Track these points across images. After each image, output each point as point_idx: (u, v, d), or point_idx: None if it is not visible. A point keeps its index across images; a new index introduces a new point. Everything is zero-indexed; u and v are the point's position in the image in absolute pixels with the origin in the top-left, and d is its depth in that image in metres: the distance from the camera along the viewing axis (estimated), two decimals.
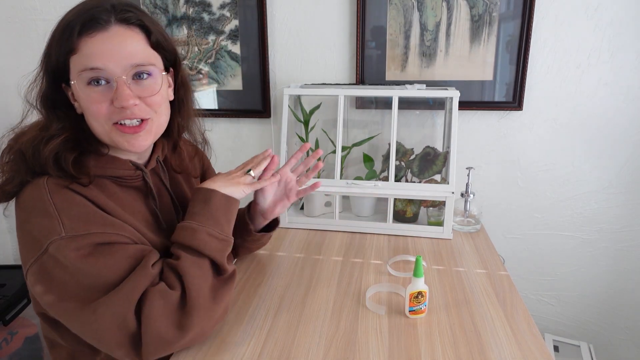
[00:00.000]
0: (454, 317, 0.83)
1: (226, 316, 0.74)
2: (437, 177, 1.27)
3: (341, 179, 1.21)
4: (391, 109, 1.19)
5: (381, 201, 1.32)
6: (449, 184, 1.16)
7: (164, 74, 0.74)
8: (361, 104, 1.45)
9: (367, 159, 1.37)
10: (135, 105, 0.69)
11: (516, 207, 1.47)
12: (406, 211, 1.26)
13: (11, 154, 0.71)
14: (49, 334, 0.81)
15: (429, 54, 1.36)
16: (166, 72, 0.76)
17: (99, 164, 0.73)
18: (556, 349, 1.44)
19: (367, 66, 1.40)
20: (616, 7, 1.25)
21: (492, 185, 1.46)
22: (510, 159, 1.43)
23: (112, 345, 0.64)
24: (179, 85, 0.81)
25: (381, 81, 1.41)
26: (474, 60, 1.34)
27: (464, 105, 1.36)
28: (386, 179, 1.21)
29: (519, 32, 1.29)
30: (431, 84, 1.36)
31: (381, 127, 1.46)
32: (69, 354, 0.80)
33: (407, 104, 1.42)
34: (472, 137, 1.43)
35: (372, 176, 1.33)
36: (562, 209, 1.44)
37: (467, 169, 1.24)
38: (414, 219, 1.27)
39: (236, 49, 1.46)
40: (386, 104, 1.44)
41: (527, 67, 1.31)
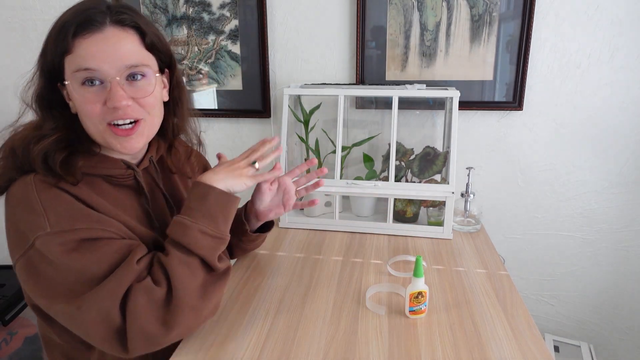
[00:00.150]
0: (454, 317, 0.83)
1: (217, 312, 0.73)
2: (437, 177, 1.27)
3: (341, 179, 1.21)
4: (391, 109, 1.19)
5: (381, 201, 1.32)
6: (449, 184, 1.16)
7: (157, 75, 0.75)
8: (361, 104, 1.45)
9: (367, 159, 1.37)
10: (128, 106, 0.69)
11: (516, 207, 1.47)
12: (406, 211, 1.26)
13: (3, 152, 0.72)
14: (43, 330, 0.82)
15: (429, 54, 1.36)
16: (161, 73, 0.77)
17: (91, 162, 0.74)
18: (556, 349, 1.44)
19: (367, 66, 1.40)
20: (616, 7, 1.25)
21: (492, 185, 1.46)
22: (510, 159, 1.43)
23: (98, 339, 0.65)
24: (174, 86, 0.81)
25: (381, 81, 1.41)
26: (474, 60, 1.34)
27: (464, 105, 1.36)
28: (386, 179, 1.21)
29: (519, 32, 1.29)
30: (431, 84, 1.36)
31: (381, 127, 1.46)
32: (64, 353, 0.80)
33: (407, 104, 1.42)
34: (472, 137, 1.43)
35: (372, 176, 1.33)
36: (562, 209, 1.44)
37: (467, 169, 1.24)
38: (414, 219, 1.27)
39: (236, 49, 1.46)
40: (386, 104, 1.44)
41: (527, 67, 1.31)
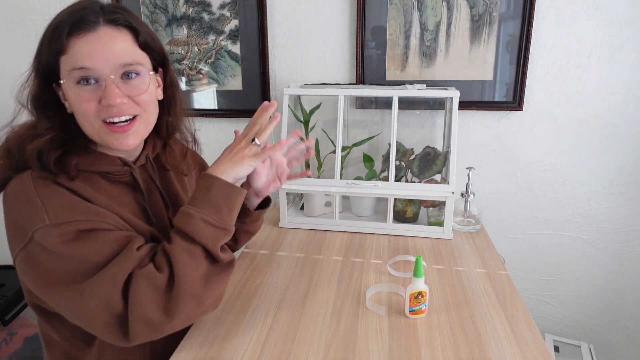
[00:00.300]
0: (454, 317, 0.83)
1: (218, 305, 0.73)
2: (437, 177, 1.27)
3: (341, 179, 1.21)
4: (391, 109, 1.19)
5: (381, 201, 1.32)
6: (449, 184, 1.16)
7: (151, 73, 0.76)
8: (361, 104, 1.45)
9: (367, 159, 1.37)
10: (123, 103, 0.70)
11: (516, 207, 1.47)
12: (406, 211, 1.26)
13: (0, 152, 0.73)
14: (43, 329, 0.82)
15: (429, 54, 1.36)
16: (155, 72, 0.78)
17: (88, 160, 0.74)
18: (556, 349, 1.44)
19: (367, 66, 1.40)
20: (616, 7, 1.25)
21: (492, 185, 1.46)
22: (510, 159, 1.43)
23: (99, 326, 0.65)
24: (168, 85, 0.82)
25: (381, 81, 1.41)
26: (474, 60, 1.34)
27: (464, 105, 1.36)
28: (386, 179, 1.21)
29: (519, 32, 1.29)
30: (431, 84, 1.36)
31: (381, 127, 1.46)
32: (63, 352, 0.81)
33: (407, 104, 1.42)
34: (472, 137, 1.43)
35: (372, 176, 1.33)
36: (562, 209, 1.44)
37: (467, 169, 1.24)
38: (414, 219, 1.27)
39: (236, 49, 1.46)
40: (386, 104, 1.44)
41: (527, 67, 1.31)
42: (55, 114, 0.73)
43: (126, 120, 0.72)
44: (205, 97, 1.53)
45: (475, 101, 1.38)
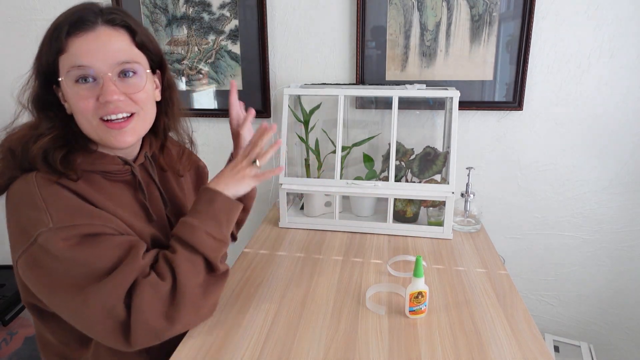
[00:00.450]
0: (454, 317, 0.83)
1: (213, 313, 0.78)
2: (437, 177, 1.27)
3: (341, 179, 1.21)
4: (391, 109, 1.19)
5: (381, 201, 1.32)
6: (449, 184, 1.16)
7: (148, 71, 0.77)
8: (361, 104, 1.45)
9: (367, 159, 1.37)
10: (120, 100, 0.72)
11: (516, 207, 1.47)
12: (406, 211, 1.26)
13: (1, 152, 0.73)
14: (39, 330, 0.82)
15: (429, 54, 1.36)
16: (152, 73, 0.79)
17: (88, 160, 0.75)
18: (556, 349, 1.44)
19: (367, 66, 1.40)
20: (616, 7, 1.25)
21: (492, 185, 1.46)
22: (510, 159, 1.43)
23: (101, 333, 0.66)
24: (165, 87, 0.84)
25: (381, 81, 1.41)
26: (474, 60, 1.34)
27: (464, 105, 1.36)
28: (386, 179, 1.21)
29: (519, 32, 1.29)
30: (431, 84, 1.36)
31: (381, 127, 1.46)
32: (59, 353, 0.81)
33: (407, 104, 1.42)
34: (472, 137, 1.43)
35: (372, 176, 1.33)
36: (562, 209, 1.44)
37: (467, 169, 1.24)
38: (414, 219, 1.27)
39: (236, 49, 1.46)
40: (386, 104, 1.44)
41: (527, 67, 1.31)
42: (56, 114, 0.74)
43: (123, 117, 0.73)
44: (205, 97, 1.53)
45: (475, 101, 1.38)
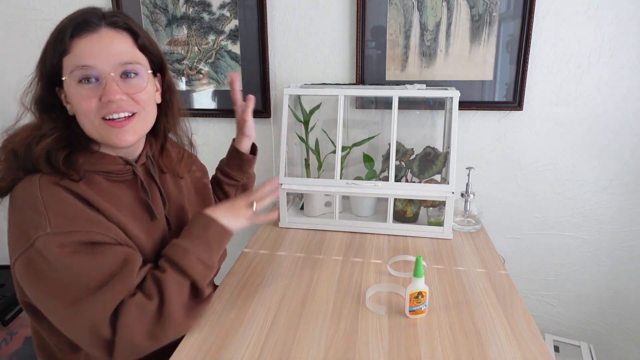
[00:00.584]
0: (454, 317, 0.83)
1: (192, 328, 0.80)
2: (437, 177, 1.27)
3: (341, 179, 1.21)
4: (391, 109, 1.19)
5: (381, 201, 1.32)
6: (449, 184, 1.16)
7: (149, 72, 0.79)
8: (361, 104, 1.45)
9: (367, 159, 1.37)
10: (122, 99, 0.73)
11: (516, 207, 1.47)
12: (406, 211, 1.26)
13: (4, 153, 0.74)
14: (35, 329, 0.83)
15: (429, 54, 1.36)
16: (153, 75, 0.81)
17: (90, 160, 0.76)
18: (556, 349, 1.44)
19: (367, 66, 1.40)
20: (616, 7, 1.25)
21: (492, 185, 1.46)
22: (510, 159, 1.43)
23: (86, 345, 0.68)
24: (165, 89, 0.86)
25: (381, 81, 1.41)
26: (474, 60, 1.34)
27: (464, 105, 1.36)
28: (386, 179, 1.21)
29: (519, 32, 1.29)
30: (431, 84, 1.36)
31: (381, 127, 1.46)
32: (52, 353, 0.82)
33: (407, 104, 1.41)
34: (472, 137, 1.43)
35: (372, 176, 1.33)
36: (562, 209, 1.44)
37: (467, 169, 1.24)
38: (414, 219, 1.27)
39: (236, 49, 1.46)
40: (386, 104, 1.44)
41: (527, 67, 1.31)
42: (58, 116, 0.75)
43: (125, 116, 0.74)
44: (205, 97, 1.53)
45: (475, 101, 1.38)
